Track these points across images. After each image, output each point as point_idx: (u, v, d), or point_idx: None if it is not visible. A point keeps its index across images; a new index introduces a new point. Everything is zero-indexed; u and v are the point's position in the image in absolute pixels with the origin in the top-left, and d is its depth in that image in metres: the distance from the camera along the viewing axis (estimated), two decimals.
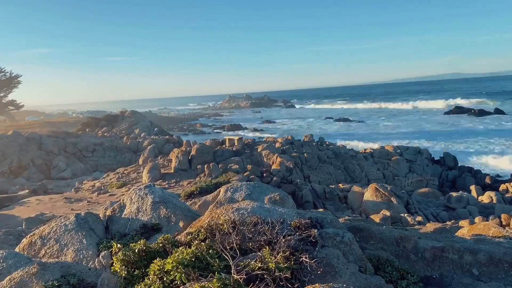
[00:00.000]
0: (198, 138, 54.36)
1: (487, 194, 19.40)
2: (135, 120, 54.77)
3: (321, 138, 31.00)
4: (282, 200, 7.12)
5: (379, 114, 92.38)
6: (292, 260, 3.95)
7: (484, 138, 48.55)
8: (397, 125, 70.62)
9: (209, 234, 4.78)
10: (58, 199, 19.04)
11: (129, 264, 4.46)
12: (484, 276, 4.93)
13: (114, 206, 7.23)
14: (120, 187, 20.96)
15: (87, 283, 4.95)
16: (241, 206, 5.28)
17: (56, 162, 34.09)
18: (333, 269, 4.04)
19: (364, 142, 48.93)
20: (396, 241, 5.54)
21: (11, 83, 71.87)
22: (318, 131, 65.75)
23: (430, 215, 17.36)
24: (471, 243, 5.46)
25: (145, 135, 45.77)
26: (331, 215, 5.56)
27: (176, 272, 3.83)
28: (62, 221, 6.58)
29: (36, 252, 6.22)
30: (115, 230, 6.68)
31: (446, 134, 54.32)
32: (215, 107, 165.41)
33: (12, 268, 5.20)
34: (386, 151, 28.75)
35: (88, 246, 6.13)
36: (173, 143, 36.92)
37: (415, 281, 4.73)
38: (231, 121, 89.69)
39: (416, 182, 24.49)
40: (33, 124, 59.93)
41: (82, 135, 46.10)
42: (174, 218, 6.56)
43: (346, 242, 4.54)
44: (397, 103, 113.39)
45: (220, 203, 7.19)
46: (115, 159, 37.24)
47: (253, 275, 3.73)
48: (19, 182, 28.81)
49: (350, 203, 19.25)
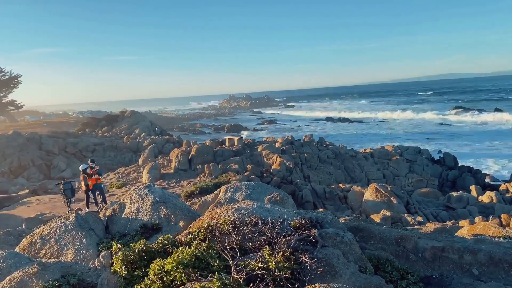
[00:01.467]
0: (198, 138, 54.35)
1: (487, 194, 19.39)
2: (135, 120, 54.79)
3: (321, 138, 30.99)
4: (282, 200, 7.12)
5: (379, 114, 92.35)
6: (292, 260, 3.95)
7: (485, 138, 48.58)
8: (396, 126, 70.60)
9: (209, 234, 4.78)
10: (58, 199, 19.02)
11: (129, 264, 4.46)
12: (484, 276, 4.93)
13: (114, 206, 7.24)
14: (120, 187, 20.96)
15: (87, 283, 4.95)
16: (241, 206, 5.28)
17: (56, 162, 34.10)
18: (333, 269, 4.04)
19: (364, 142, 48.91)
20: (396, 241, 5.54)
21: (11, 83, 71.85)
22: (318, 131, 65.77)
23: (430, 215, 17.36)
24: (471, 243, 5.46)
25: (145, 135, 45.78)
26: (331, 215, 5.56)
27: (176, 272, 3.83)
28: (62, 221, 6.58)
29: (36, 252, 6.23)
30: (115, 230, 6.68)
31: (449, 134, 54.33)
32: (215, 107, 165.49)
33: (12, 268, 5.20)
34: (386, 151, 28.74)
35: (88, 246, 6.13)
36: (173, 143, 36.92)
37: (415, 281, 4.73)
38: (231, 121, 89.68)
39: (416, 182, 24.48)
40: (33, 124, 59.92)
41: (82, 135, 46.10)
42: (174, 218, 6.57)
43: (346, 242, 4.54)
44: (398, 103, 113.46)
45: (220, 203, 7.19)
46: (115, 159, 37.23)
47: (253, 275, 3.73)
48: (19, 182, 28.80)
49: (350, 203, 19.25)
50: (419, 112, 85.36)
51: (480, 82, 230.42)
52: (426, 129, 62.87)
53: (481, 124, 63.04)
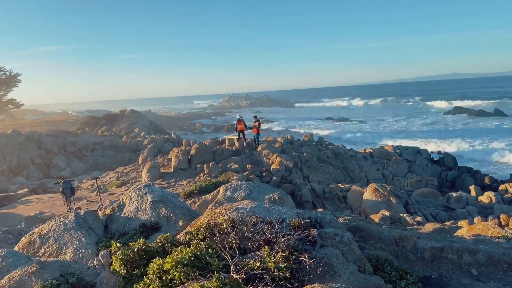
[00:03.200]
0: (197, 137, 54.33)
1: (486, 194, 19.40)
2: (134, 119, 54.78)
3: (321, 138, 31.01)
4: (282, 200, 7.12)
5: (379, 114, 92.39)
6: (291, 260, 3.95)
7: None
8: (398, 124, 70.61)
9: (209, 233, 4.78)
10: (58, 198, 19.02)
11: (128, 263, 4.46)
12: (483, 276, 4.94)
13: (113, 205, 7.23)
14: (120, 186, 20.94)
15: (86, 282, 4.94)
16: (241, 206, 5.28)
17: (55, 161, 34.08)
18: (332, 268, 4.04)
19: (363, 142, 48.91)
20: (395, 241, 5.54)
21: (10, 81, 71.81)
22: (318, 130, 65.78)
23: (429, 215, 17.36)
24: (470, 243, 5.46)
25: (144, 134, 45.78)
26: (330, 215, 5.56)
27: (175, 271, 3.83)
28: (61, 220, 6.58)
29: (35, 251, 6.22)
30: (115, 229, 6.68)
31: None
32: (215, 106, 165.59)
33: (11, 267, 5.19)
34: (385, 151, 28.75)
35: (87, 245, 6.12)
36: (172, 142, 36.92)
37: (414, 281, 4.73)
38: (231, 120, 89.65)
39: (415, 182, 24.48)
40: (33, 123, 59.87)
41: (81, 134, 46.08)
42: (173, 218, 6.56)
43: (345, 242, 4.54)
44: (399, 102, 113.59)
45: (220, 202, 7.19)
46: (114, 158, 37.23)
47: (252, 274, 3.73)
48: (19, 181, 28.79)
49: (350, 203, 19.25)
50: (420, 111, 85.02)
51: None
52: (433, 128, 62.83)
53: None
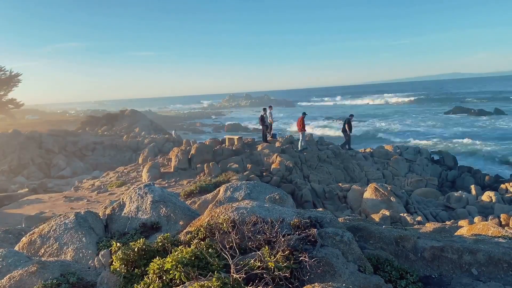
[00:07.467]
0: (198, 137, 54.33)
1: (487, 194, 19.39)
2: (135, 119, 54.79)
3: (321, 138, 31.02)
4: (282, 200, 7.12)
5: (379, 114, 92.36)
6: (292, 259, 3.96)
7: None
8: (397, 125, 70.55)
9: (209, 233, 4.78)
10: (58, 197, 19.04)
11: (129, 263, 4.46)
12: (483, 276, 4.94)
13: (113, 205, 7.24)
14: (120, 186, 20.93)
15: (86, 282, 4.95)
16: (241, 205, 5.28)
17: (56, 160, 34.07)
18: (333, 268, 4.05)
19: (363, 142, 48.88)
20: (396, 240, 5.54)
21: (11, 81, 71.82)
22: (318, 130, 65.76)
23: (429, 215, 17.35)
24: (471, 242, 5.47)
25: (145, 134, 45.79)
26: (330, 215, 5.56)
27: (175, 271, 3.83)
28: (61, 220, 6.58)
29: (35, 250, 6.23)
30: (115, 229, 6.68)
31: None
32: (215, 106, 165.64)
33: (12, 266, 5.20)
34: (385, 151, 28.74)
35: (88, 244, 6.13)
36: (172, 142, 36.93)
37: (414, 281, 4.73)
38: (231, 120, 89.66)
39: (415, 182, 24.47)
40: (33, 123, 59.90)
41: (82, 134, 46.07)
42: (173, 217, 6.57)
43: (346, 241, 4.54)
44: (398, 99, 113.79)
45: (220, 202, 7.19)
46: (114, 158, 37.21)
47: (252, 274, 3.73)
48: (19, 181, 28.79)
49: (350, 203, 19.24)
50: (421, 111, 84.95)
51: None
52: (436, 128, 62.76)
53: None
